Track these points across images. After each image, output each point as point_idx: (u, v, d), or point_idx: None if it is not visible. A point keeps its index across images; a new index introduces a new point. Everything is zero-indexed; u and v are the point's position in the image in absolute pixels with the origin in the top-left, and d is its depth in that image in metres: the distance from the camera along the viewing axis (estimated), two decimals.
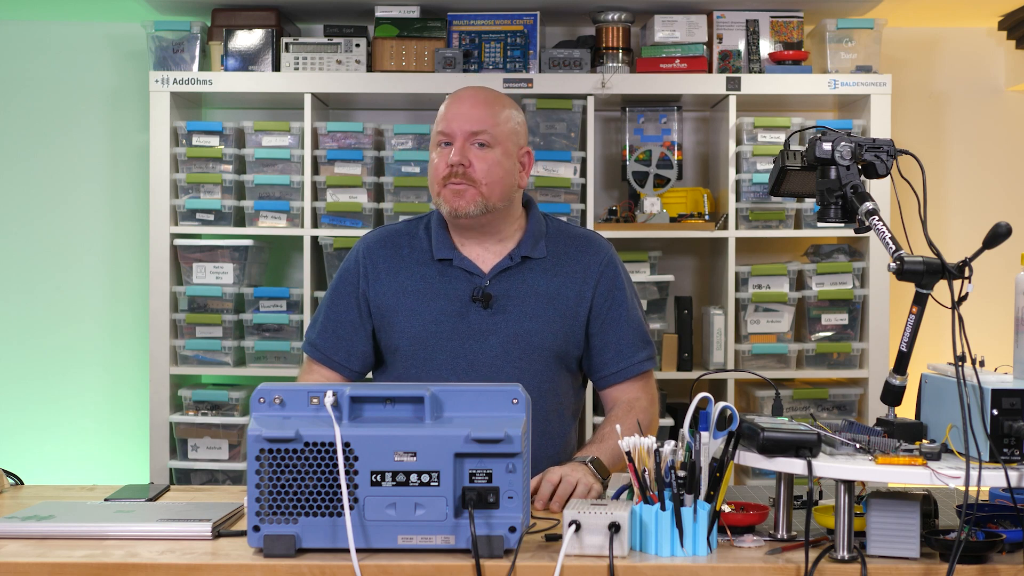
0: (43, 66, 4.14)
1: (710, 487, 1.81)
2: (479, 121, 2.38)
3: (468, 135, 2.37)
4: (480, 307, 2.39)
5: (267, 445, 1.77)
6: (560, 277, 2.44)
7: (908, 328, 1.94)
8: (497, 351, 2.39)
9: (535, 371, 2.39)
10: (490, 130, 2.38)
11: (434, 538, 1.77)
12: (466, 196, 2.36)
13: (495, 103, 2.42)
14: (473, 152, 2.37)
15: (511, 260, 2.42)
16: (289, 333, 3.78)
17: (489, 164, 2.37)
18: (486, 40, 3.81)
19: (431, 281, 2.43)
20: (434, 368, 2.40)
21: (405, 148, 3.78)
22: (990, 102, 4.16)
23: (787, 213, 3.78)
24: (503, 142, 2.40)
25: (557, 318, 2.42)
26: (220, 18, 3.82)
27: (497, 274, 2.41)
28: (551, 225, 2.51)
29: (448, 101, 2.44)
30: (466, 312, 2.40)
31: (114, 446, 4.09)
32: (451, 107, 2.41)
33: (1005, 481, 1.73)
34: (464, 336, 2.39)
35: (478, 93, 2.44)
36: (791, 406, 3.75)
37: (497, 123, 2.39)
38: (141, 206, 4.01)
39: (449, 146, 2.38)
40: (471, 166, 2.36)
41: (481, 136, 2.37)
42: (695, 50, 3.78)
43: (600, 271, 2.46)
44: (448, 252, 2.43)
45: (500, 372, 2.38)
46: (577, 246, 2.48)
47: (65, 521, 1.93)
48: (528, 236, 2.45)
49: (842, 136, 2.03)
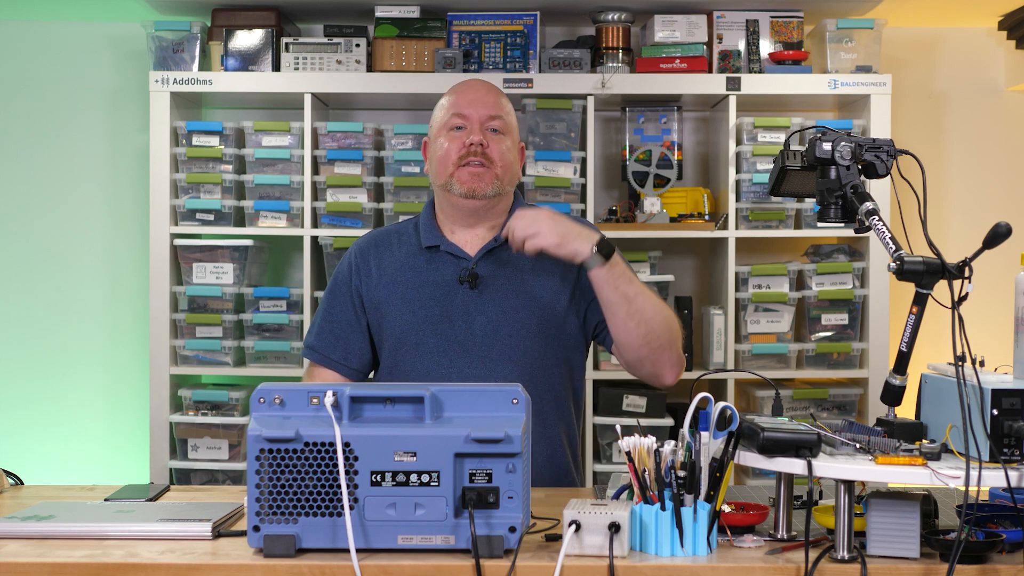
0: (43, 66, 4.14)
1: (710, 487, 1.81)
2: (494, 106, 2.45)
3: (485, 119, 2.43)
4: (467, 288, 2.42)
5: (267, 445, 1.77)
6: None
7: (908, 328, 1.94)
8: (487, 330, 2.40)
9: (525, 348, 2.40)
10: (504, 117, 2.46)
11: (434, 538, 1.77)
12: (484, 178, 2.40)
13: (501, 95, 2.50)
14: (489, 136, 2.43)
15: (496, 241, 2.45)
16: (289, 333, 3.78)
17: (503, 149, 2.44)
18: (486, 40, 3.81)
19: (419, 270, 2.46)
20: (426, 352, 2.41)
21: (405, 148, 3.78)
22: (990, 102, 4.16)
23: (787, 213, 3.78)
24: (511, 131, 2.48)
25: (542, 293, 2.43)
26: (220, 18, 3.82)
27: (483, 255, 2.44)
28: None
29: (458, 90, 2.49)
30: (454, 294, 2.42)
31: (114, 446, 4.10)
32: (464, 94, 2.47)
33: (1005, 481, 1.73)
34: (453, 318, 2.41)
35: (485, 83, 2.52)
36: (791, 406, 3.75)
37: (507, 112, 2.48)
38: (141, 206, 4.01)
39: (463, 130, 2.43)
40: (488, 147, 2.41)
41: (496, 121, 2.44)
42: (695, 50, 3.78)
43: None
44: (435, 239, 2.47)
45: (491, 351, 2.39)
46: None
47: (65, 521, 1.92)
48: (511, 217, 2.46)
49: (842, 136, 2.03)
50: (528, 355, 2.40)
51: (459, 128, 2.43)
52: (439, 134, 2.46)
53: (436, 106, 2.52)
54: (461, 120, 2.43)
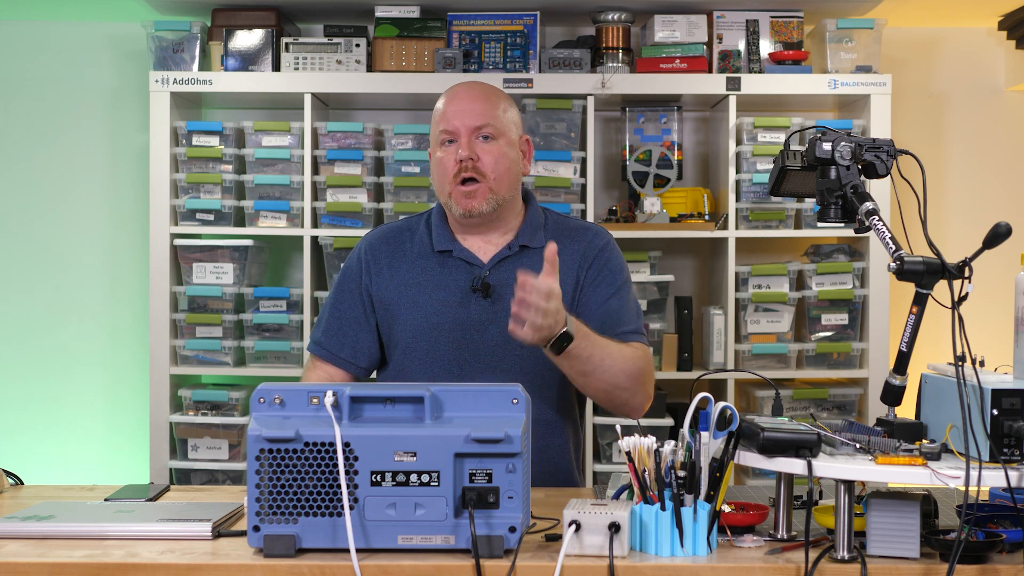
0: (43, 66, 4.14)
1: (710, 487, 1.81)
2: (481, 115, 2.40)
3: (472, 130, 2.39)
4: (480, 297, 2.40)
5: (267, 445, 1.77)
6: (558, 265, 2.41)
7: (908, 328, 1.94)
8: (498, 340, 2.38)
9: (537, 359, 2.37)
10: (492, 122, 2.41)
11: (434, 538, 1.77)
12: (477, 196, 2.38)
13: (492, 95, 2.45)
14: (479, 146, 2.39)
15: (510, 249, 2.43)
16: (289, 333, 3.78)
17: (496, 156, 2.39)
18: (486, 40, 3.81)
19: (431, 273, 2.43)
20: (436, 359, 2.40)
21: (405, 148, 3.78)
22: (990, 102, 4.16)
23: (787, 213, 3.78)
24: (505, 132, 2.42)
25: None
26: (220, 18, 3.82)
27: (496, 263, 2.42)
28: (550, 218, 2.52)
29: (445, 99, 2.45)
30: (467, 302, 2.40)
31: (114, 446, 4.10)
32: (450, 105, 2.43)
33: (1005, 481, 1.73)
34: (465, 326, 2.39)
35: (474, 88, 2.46)
36: (791, 406, 3.75)
37: (497, 114, 2.42)
38: (141, 206, 4.01)
39: (453, 143, 2.40)
40: (479, 160, 2.38)
41: (485, 129, 2.40)
42: (695, 50, 3.78)
43: (595, 255, 2.45)
44: (448, 244, 2.44)
45: (502, 361, 2.38)
46: (574, 236, 2.47)
47: (65, 521, 1.92)
48: (526, 226, 2.46)
49: (842, 136, 2.03)
50: (540, 365, 2.37)
51: (450, 142, 2.40)
52: (434, 148, 2.44)
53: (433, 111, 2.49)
54: (449, 135, 2.40)
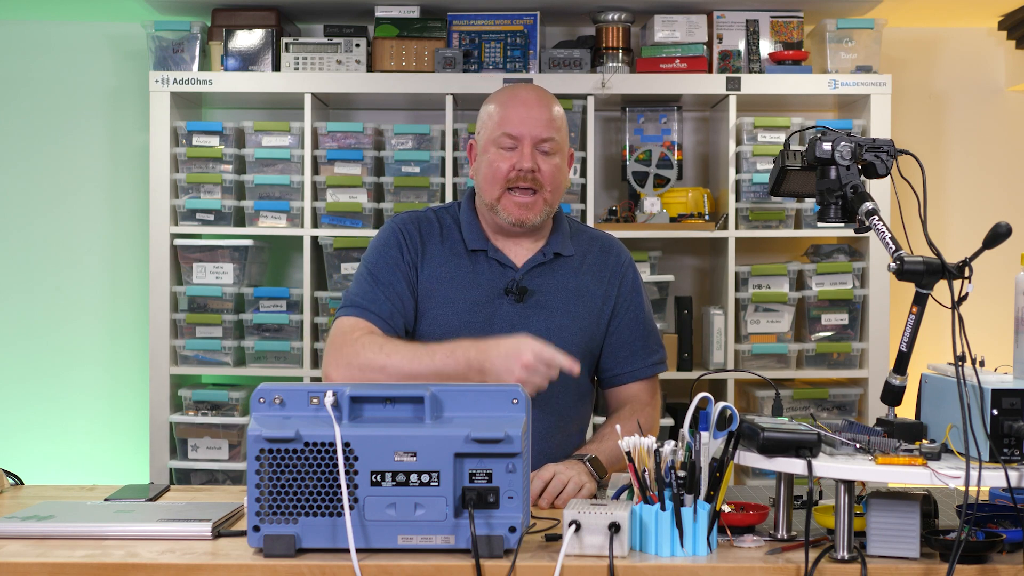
0: (43, 66, 4.14)
1: (710, 487, 1.81)
2: (547, 127, 2.37)
3: (537, 140, 2.37)
4: (513, 300, 2.39)
5: (267, 445, 1.77)
6: (587, 276, 2.46)
7: (908, 328, 1.94)
8: None
9: None
10: (555, 136, 2.39)
11: (434, 538, 1.77)
12: (534, 208, 2.37)
13: (552, 104, 2.42)
14: (539, 158, 2.37)
15: (544, 256, 2.43)
16: (289, 333, 3.78)
17: (555, 170, 2.39)
18: (486, 40, 3.81)
19: (464, 271, 2.41)
20: None
21: (405, 148, 3.78)
22: (990, 102, 4.16)
23: (787, 213, 3.78)
24: (563, 147, 2.42)
25: (585, 315, 2.43)
26: (220, 18, 3.82)
27: (530, 269, 2.42)
28: (572, 225, 2.54)
29: (507, 101, 2.41)
30: (499, 304, 2.39)
31: (114, 446, 4.09)
32: (517, 109, 2.39)
33: (1005, 481, 1.73)
34: (496, 328, 2.36)
35: (540, 96, 2.42)
36: (791, 406, 3.75)
37: (559, 128, 2.40)
38: (141, 206, 4.01)
39: (514, 150, 2.37)
40: (539, 171, 2.37)
41: (548, 144, 2.38)
42: (695, 50, 3.78)
43: (623, 272, 2.50)
44: (482, 243, 2.43)
45: None
46: (599, 247, 2.51)
47: (65, 521, 1.92)
48: (558, 234, 2.47)
49: (842, 136, 2.03)
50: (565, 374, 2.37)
51: (511, 148, 2.37)
52: (488, 146, 2.40)
53: (483, 109, 2.45)
54: (512, 141, 2.37)
